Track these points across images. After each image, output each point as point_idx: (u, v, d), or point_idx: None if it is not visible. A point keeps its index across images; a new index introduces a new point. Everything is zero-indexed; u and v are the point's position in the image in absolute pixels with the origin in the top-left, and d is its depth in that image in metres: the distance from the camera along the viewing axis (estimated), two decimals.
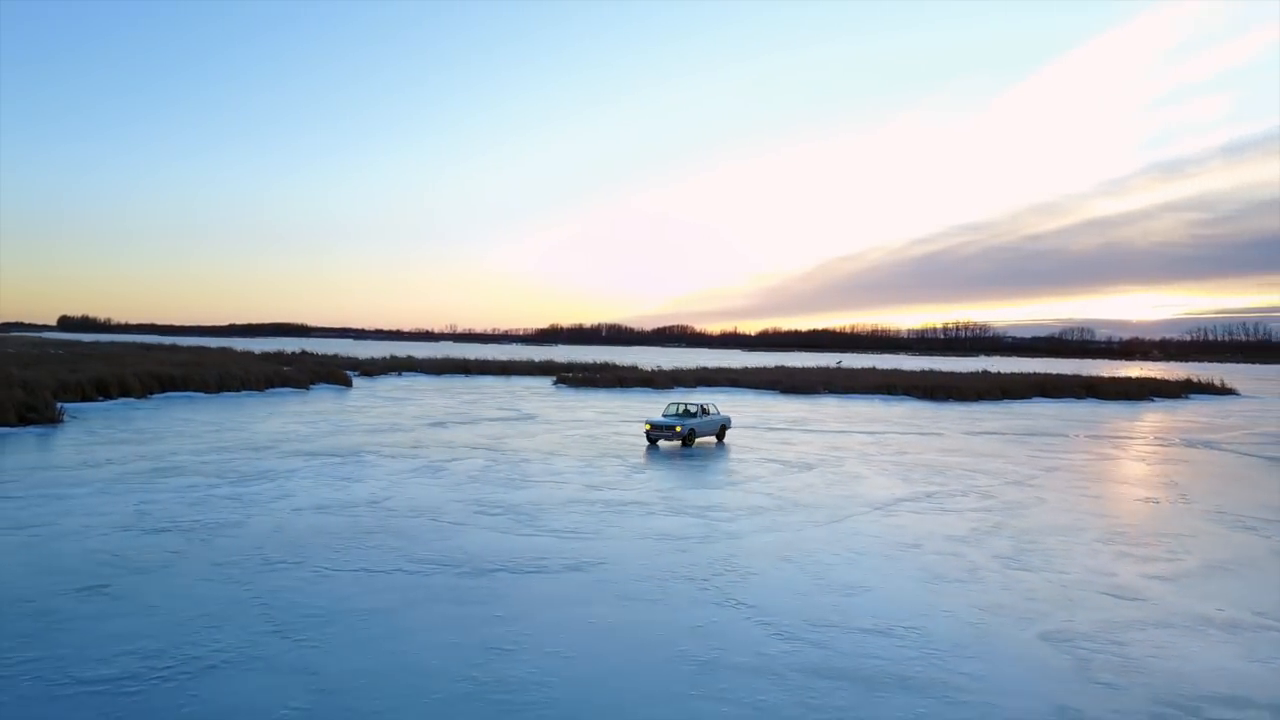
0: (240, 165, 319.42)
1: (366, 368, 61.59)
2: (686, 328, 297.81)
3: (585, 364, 74.81)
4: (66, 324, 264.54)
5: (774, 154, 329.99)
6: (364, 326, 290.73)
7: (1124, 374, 78.06)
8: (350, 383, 49.83)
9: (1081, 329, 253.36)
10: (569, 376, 59.34)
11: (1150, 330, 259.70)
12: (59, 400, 28.69)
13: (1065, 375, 67.53)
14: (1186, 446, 29.62)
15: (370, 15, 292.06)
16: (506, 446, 24.10)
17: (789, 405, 44.38)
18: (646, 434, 25.44)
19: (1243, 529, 15.50)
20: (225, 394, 39.66)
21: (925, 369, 78.33)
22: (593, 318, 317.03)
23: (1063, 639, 9.11)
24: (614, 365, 71.08)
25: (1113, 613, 10.10)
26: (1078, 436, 32.30)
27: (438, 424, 29.97)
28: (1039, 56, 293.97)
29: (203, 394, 38.53)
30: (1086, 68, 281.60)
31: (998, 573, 11.82)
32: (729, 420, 27.95)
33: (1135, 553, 13.29)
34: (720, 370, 64.69)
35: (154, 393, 36.69)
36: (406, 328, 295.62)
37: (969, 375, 64.78)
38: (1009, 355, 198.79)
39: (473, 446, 23.86)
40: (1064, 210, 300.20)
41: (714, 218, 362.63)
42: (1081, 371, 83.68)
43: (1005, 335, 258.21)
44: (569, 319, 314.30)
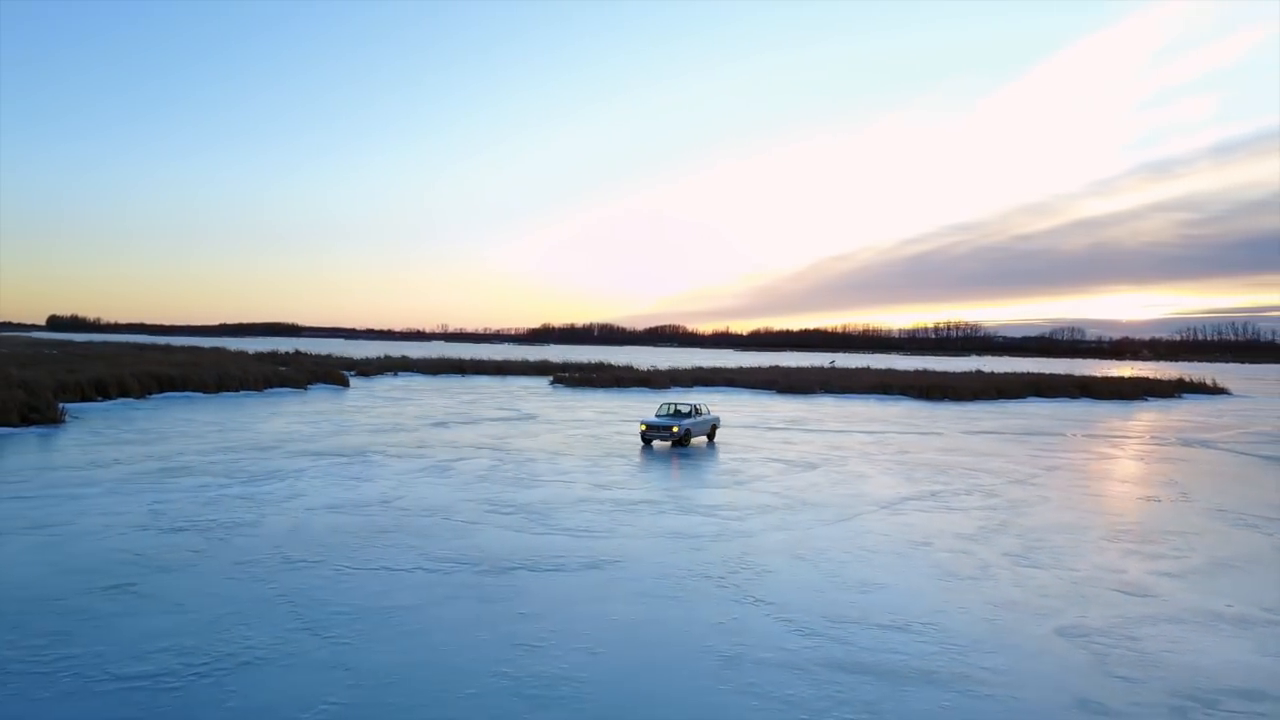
0: (237, 165, 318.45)
1: (362, 368, 61.52)
2: (678, 327, 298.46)
3: (581, 364, 74.88)
4: (56, 324, 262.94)
5: (765, 154, 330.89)
6: (355, 326, 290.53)
7: (1116, 373, 78.58)
8: (347, 383, 49.81)
9: (1072, 329, 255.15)
10: (566, 376, 59.40)
11: (1140, 330, 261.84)
12: (59, 400, 28.63)
13: (1058, 375, 67.93)
14: (1183, 445, 29.92)
15: (366, 15, 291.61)
16: (511, 446, 24.19)
17: (786, 405, 44.59)
18: (641, 434, 25.57)
19: (1245, 526, 15.73)
20: (224, 394, 39.62)
21: (919, 369, 78.73)
22: (584, 317, 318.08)
23: (1078, 634, 9.28)
24: (610, 365, 71.14)
25: (1124, 609, 10.29)
26: (1075, 436, 32.59)
27: (440, 424, 30.04)
28: (1028, 57, 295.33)
29: (201, 394, 38.48)
30: (1075, 68, 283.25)
31: (1008, 570, 12.00)
32: (719, 420, 28.29)
33: (1142, 550, 13.49)
34: (716, 370, 64.87)
35: (153, 393, 36.63)
36: (398, 327, 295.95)
37: (963, 375, 65.11)
38: (1000, 355, 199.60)
39: (477, 446, 23.95)
40: (1053, 210, 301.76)
41: (706, 217, 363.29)
42: (1073, 371, 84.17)
43: (996, 335, 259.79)
44: (561, 319, 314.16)
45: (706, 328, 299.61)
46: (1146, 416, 43.82)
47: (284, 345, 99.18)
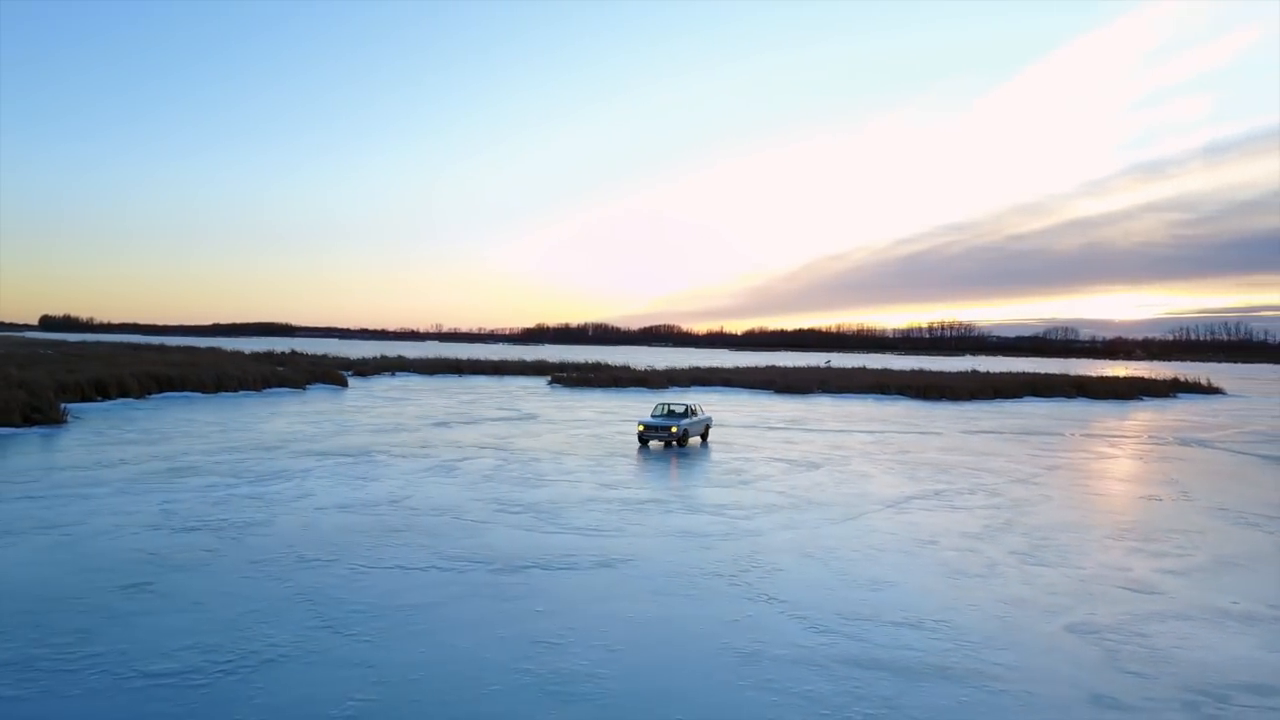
0: (237, 165, 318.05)
1: (360, 368, 61.50)
2: (673, 327, 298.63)
3: (578, 364, 74.95)
4: (48, 323, 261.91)
5: (760, 154, 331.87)
6: (349, 326, 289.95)
7: (1111, 373, 78.90)
8: (346, 383, 49.79)
9: (1065, 328, 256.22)
10: (564, 376, 59.47)
11: (1133, 330, 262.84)
12: (60, 401, 28.58)
13: (1054, 375, 68.24)
14: (1181, 445, 30.14)
15: (366, 15, 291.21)
16: (514, 446, 24.27)
17: (785, 405, 44.73)
18: (639, 435, 25.65)
19: (1246, 525, 15.89)
20: (223, 394, 39.59)
21: (915, 369, 78.97)
22: (578, 317, 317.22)
23: (1088, 631, 9.40)
24: (608, 365, 71.28)
25: (1132, 606, 10.42)
26: (1073, 435, 32.79)
27: (441, 424, 30.09)
28: (1022, 58, 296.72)
29: (200, 394, 38.46)
30: (1069, 69, 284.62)
31: (1015, 568, 12.12)
32: (712, 420, 28.60)
33: (1146, 548, 13.64)
34: (713, 370, 65.00)
35: (152, 393, 36.60)
36: (392, 327, 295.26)
37: (959, 375, 65.35)
38: (994, 355, 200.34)
39: (481, 446, 24.01)
40: (1047, 210, 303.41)
41: (701, 217, 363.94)
42: (1068, 371, 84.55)
43: (990, 335, 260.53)
44: (555, 319, 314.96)
45: (701, 327, 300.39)
46: (1143, 416, 44.08)
47: (279, 345, 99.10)
